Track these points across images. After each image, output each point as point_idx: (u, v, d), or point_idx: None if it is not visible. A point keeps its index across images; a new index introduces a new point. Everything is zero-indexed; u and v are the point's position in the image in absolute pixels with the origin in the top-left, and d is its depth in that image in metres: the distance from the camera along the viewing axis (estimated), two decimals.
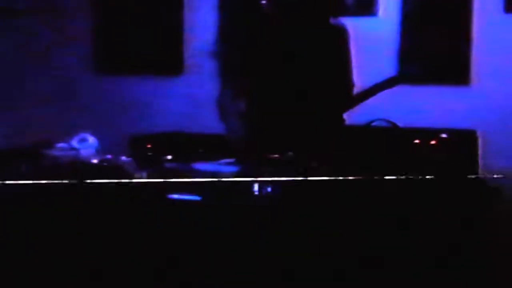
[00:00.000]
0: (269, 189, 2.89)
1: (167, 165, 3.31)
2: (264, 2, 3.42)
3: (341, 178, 2.88)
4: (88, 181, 2.94)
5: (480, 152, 4.60)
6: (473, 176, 3.08)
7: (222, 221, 2.83)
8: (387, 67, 3.51)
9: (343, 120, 3.47)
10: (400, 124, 3.50)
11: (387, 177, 2.90)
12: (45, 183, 2.93)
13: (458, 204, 2.94)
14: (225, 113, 3.53)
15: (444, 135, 4.14)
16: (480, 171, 4.42)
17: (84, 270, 2.89)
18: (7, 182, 2.93)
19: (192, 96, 5.73)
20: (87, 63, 5.96)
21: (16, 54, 5.99)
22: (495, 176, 3.08)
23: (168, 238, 2.85)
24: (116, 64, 5.95)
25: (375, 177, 2.90)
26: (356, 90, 3.49)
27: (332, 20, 3.49)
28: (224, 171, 3.17)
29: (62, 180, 2.99)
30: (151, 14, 5.91)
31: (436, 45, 5.24)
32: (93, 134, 3.43)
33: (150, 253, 2.86)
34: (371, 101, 3.57)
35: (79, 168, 3.15)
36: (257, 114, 3.46)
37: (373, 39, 4.99)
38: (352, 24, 3.63)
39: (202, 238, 2.82)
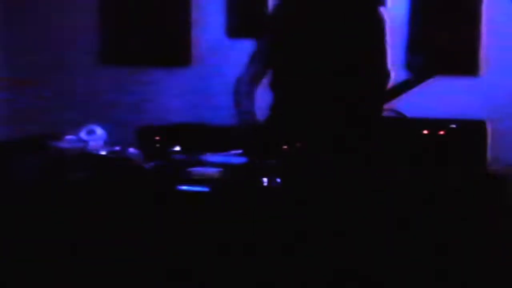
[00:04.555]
0: (278, 181, 2.88)
1: (175, 156, 3.30)
2: None
3: (349, 170, 2.89)
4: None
5: (489, 142, 4.64)
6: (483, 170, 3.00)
7: (231, 212, 2.83)
8: (396, 58, 3.48)
9: (380, 112, 3.42)
10: (409, 114, 3.49)
11: (394, 169, 2.90)
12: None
13: (467, 196, 2.93)
14: (238, 95, 3.50)
15: (453, 126, 4.12)
16: (489, 161, 4.43)
17: (91, 264, 2.91)
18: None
19: (200, 87, 5.73)
20: (96, 55, 5.95)
21: (24, 48, 6.00)
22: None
23: (177, 229, 2.86)
24: (124, 55, 5.95)
25: (383, 169, 2.90)
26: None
27: (372, 8, 3.45)
28: (233, 162, 3.16)
29: (70, 171, 3.02)
30: (159, 5, 5.90)
31: (445, 35, 5.23)
32: (102, 125, 3.43)
33: (159, 245, 2.87)
34: None
35: (87, 160, 3.15)
36: (285, 103, 3.45)
37: None
38: None
39: (211, 230, 2.83)
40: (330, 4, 3.36)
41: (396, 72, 3.44)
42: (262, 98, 3.30)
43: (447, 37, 5.23)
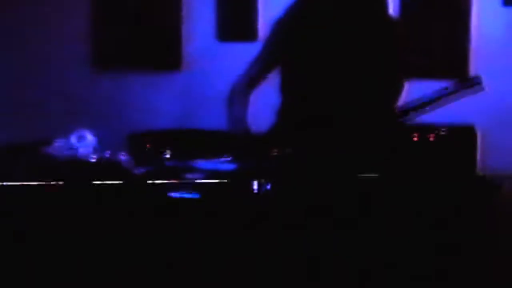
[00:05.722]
0: (268, 187, 2.91)
1: (166, 162, 3.30)
2: None
3: (340, 176, 2.89)
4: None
5: (478, 147, 4.67)
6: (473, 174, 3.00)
7: (221, 219, 2.86)
8: None
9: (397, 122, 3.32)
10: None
11: (384, 175, 2.91)
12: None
13: (457, 201, 2.96)
14: (232, 100, 3.39)
15: (442, 131, 4.14)
16: (478, 166, 4.48)
17: (83, 270, 2.90)
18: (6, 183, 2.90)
19: (191, 92, 5.72)
20: (85, 60, 5.93)
21: (14, 52, 5.98)
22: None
23: (168, 236, 2.87)
24: (114, 60, 5.92)
25: (373, 175, 2.89)
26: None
27: (386, 13, 3.36)
28: (223, 169, 3.17)
29: (60, 178, 3.01)
30: (149, 9, 5.88)
31: (434, 39, 5.23)
32: (92, 131, 3.42)
33: (149, 251, 2.88)
34: None
35: (77, 166, 3.15)
36: (296, 107, 3.34)
37: None
38: None
39: (202, 236, 2.84)
40: (347, 9, 3.28)
41: None
42: (268, 101, 3.30)
43: (436, 41, 5.23)
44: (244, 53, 3.45)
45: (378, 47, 3.22)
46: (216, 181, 3.02)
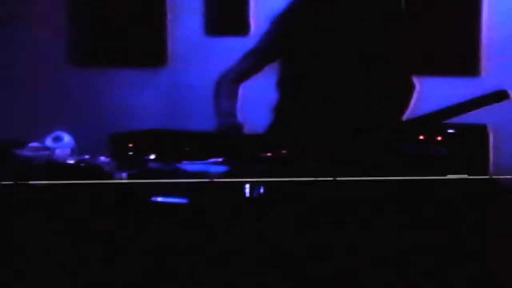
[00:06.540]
0: (261, 190, 2.84)
1: (150, 165, 3.23)
2: None
3: (339, 178, 2.82)
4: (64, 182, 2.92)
5: (491, 147, 4.68)
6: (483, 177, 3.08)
7: (211, 225, 2.80)
8: None
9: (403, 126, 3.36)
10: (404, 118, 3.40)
11: (387, 177, 2.87)
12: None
13: (466, 205, 2.92)
14: (219, 94, 3.43)
15: (451, 131, 4.15)
16: (490, 167, 4.52)
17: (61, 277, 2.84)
18: None
19: (177, 88, 5.74)
20: (63, 55, 5.93)
21: None
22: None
23: (152, 243, 2.82)
24: (95, 55, 5.92)
25: (376, 176, 2.85)
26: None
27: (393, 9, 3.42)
28: (212, 171, 3.10)
29: (35, 182, 2.96)
30: (130, 0, 5.91)
31: (445, 35, 5.26)
32: (69, 132, 3.35)
33: (132, 259, 2.82)
34: None
35: (53, 169, 3.08)
36: (294, 104, 3.37)
37: None
38: None
39: (189, 243, 2.80)
40: (351, 5, 3.31)
41: None
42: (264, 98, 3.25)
43: (446, 36, 5.25)
44: (235, 49, 3.45)
45: (383, 44, 3.23)
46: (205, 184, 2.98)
